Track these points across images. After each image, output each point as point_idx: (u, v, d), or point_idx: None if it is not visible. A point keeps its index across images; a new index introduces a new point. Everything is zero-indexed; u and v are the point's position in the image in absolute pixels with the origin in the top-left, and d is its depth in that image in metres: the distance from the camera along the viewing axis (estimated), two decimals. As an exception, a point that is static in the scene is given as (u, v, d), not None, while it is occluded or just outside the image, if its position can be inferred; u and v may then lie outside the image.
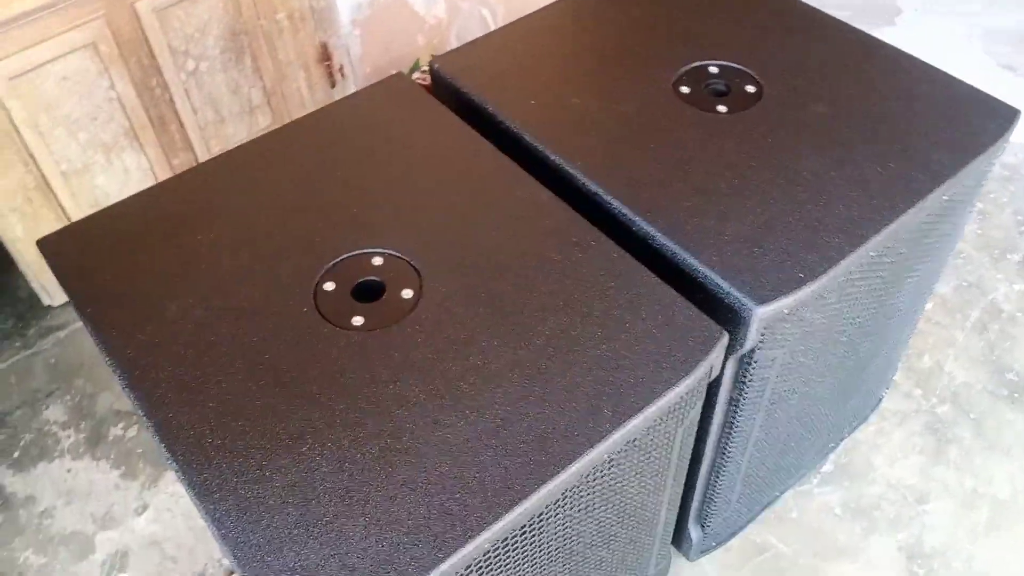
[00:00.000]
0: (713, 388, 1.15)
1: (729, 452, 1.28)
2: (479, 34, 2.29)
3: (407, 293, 1.05)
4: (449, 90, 1.35)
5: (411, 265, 1.08)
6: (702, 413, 1.20)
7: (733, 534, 1.58)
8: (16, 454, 1.72)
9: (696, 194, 1.14)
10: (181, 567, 1.55)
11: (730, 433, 1.24)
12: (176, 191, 1.19)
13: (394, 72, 2.33)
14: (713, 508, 1.42)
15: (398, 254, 1.09)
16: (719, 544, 1.57)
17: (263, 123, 2.10)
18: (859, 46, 1.37)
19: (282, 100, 2.10)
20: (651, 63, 1.35)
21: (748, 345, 1.07)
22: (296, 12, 2.01)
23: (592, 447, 0.90)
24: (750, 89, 1.30)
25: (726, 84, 1.32)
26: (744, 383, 1.14)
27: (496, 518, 0.85)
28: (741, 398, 1.17)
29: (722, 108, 1.27)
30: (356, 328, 1.01)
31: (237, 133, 2.06)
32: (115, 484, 1.67)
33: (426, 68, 2.22)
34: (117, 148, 1.86)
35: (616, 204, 1.14)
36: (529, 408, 0.93)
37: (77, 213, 1.88)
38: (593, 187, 1.16)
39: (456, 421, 0.92)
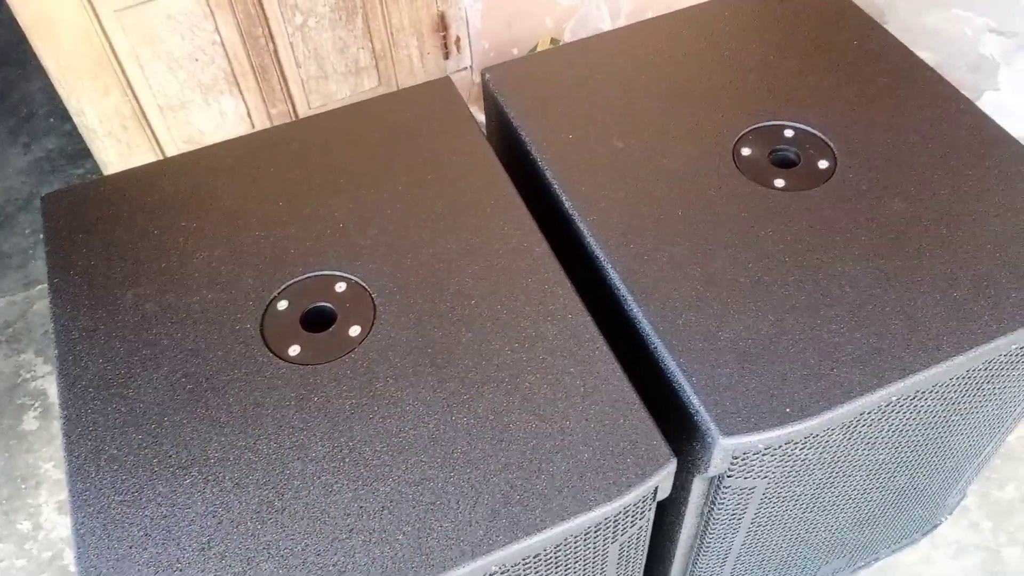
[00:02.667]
0: (672, 502, 1.02)
1: (702, 564, 1.14)
2: (598, 28, 2.14)
3: (355, 330, 0.98)
4: (494, 105, 1.25)
5: (372, 298, 1.01)
6: (668, 522, 1.08)
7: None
8: (70, 365, 1.82)
9: (707, 283, 1.00)
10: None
11: (702, 546, 1.10)
12: (181, 169, 1.17)
13: (516, 51, 2.23)
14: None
15: (363, 283, 1.03)
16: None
17: (368, 85, 2.07)
18: (970, 129, 1.14)
19: (391, 65, 2.06)
20: (719, 113, 1.19)
21: (713, 471, 0.93)
22: (418, -23, 1.95)
23: (474, 560, 0.81)
24: (822, 164, 1.12)
25: (797, 153, 1.14)
26: (715, 506, 1.00)
27: (341, 613, 0.78)
28: (711, 519, 1.03)
29: (780, 183, 1.10)
30: (290, 359, 0.96)
31: (340, 91, 2.04)
32: (145, 416, 1.73)
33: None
34: (216, 91, 1.89)
35: (612, 274, 1.01)
36: (423, 495, 0.85)
37: (170, 146, 1.93)
38: (595, 249, 1.04)
39: (344, 490, 0.85)
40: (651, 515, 0.94)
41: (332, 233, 1.08)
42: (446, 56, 2.12)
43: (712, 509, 1.01)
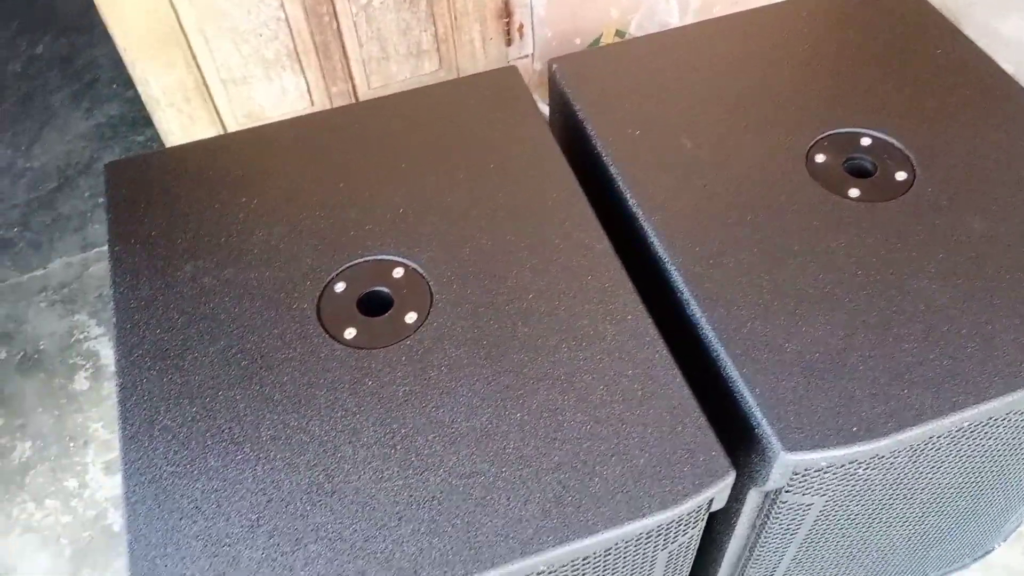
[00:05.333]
0: (726, 513, 1.00)
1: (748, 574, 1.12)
2: (665, 21, 2.10)
3: (411, 317, 0.97)
4: (560, 96, 1.22)
5: (428, 286, 1.00)
6: (718, 532, 1.05)
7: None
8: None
9: (774, 293, 0.97)
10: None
11: (750, 559, 1.08)
12: (243, 145, 1.17)
13: (578, 40, 2.20)
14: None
15: (420, 270, 1.01)
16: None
17: (429, 68, 2.06)
18: (1063, 154, 1.09)
19: (452, 49, 2.04)
20: (793, 116, 1.15)
21: (770, 486, 0.90)
22: (486, -38, 1.93)
23: (522, 558, 0.79)
24: (900, 176, 1.08)
25: (873, 163, 1.10)
26: (768, 520, 0.98)
27: (386, 603, 0.77)
28: (763, 533, 1.00)
29: (854, 192, 1.06)
30: (346, 342, 0.95)
31: (400, 72, 2.03)
32: (190, 385, 1.75)
33: (607, 45, 2.08)
34: (278, 66, 1.89)
35: (676, 279, 0.99)
36: (474, 489, 0.83)
37: (231, 120, 1.94)
38: (660, 251, 1.02)
39: (394, 478, 0.84)
40: (703, 525, 0.92)
41: (391, 218, 1.07)
42: (508, 43, 2.09)
43: (766, 523, 0.98)
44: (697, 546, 0.98)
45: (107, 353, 1.80)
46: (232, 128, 1.95)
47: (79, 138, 2.23)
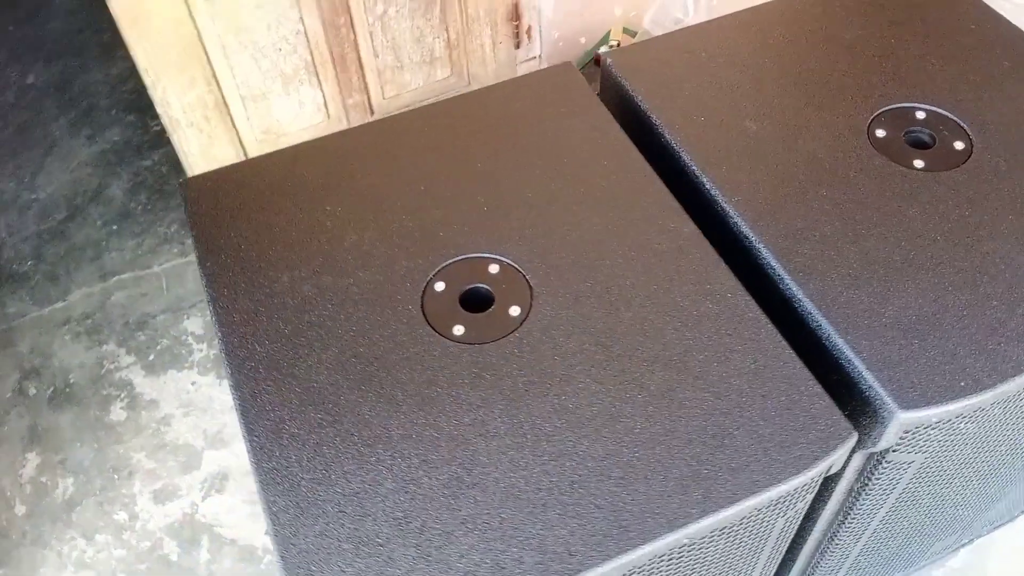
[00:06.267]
0: (831, 478, 1.03)
1: (838, 540, 1.15)
2: (678, 18, 2.15)
3: (515, 310, 0.99)
4: (617, 90, 1.25)
5: (526, 280, 1.02)
6: (814, 499, 1.08)
7: (832, 615, 1.45)
8: (151, 357, 1.82)
9: (862, 262, 1.01)
10: (275, 500, 1.61)
11: (843, 523, 1.11)
12: (316, 154, 1.18)
13: (583, 40, 2.24)
14: (812, 588, 1.30)
15: (516, 265, 1.03)
16: (812, 622, 1.45)
17: (440, 75, 2.08)
18: (1107, 115, 1.15)
19: (463, 55, 2.06)
20: (849, 94, 1.19)
21: (881, 446, 0.94)
22: (492, -33, 1.95)
23: (672, 532, 0.82)
24: (958, 145, 1.13)
25: (931, 135, 1.14)
26: (869, 481, 1.01)
27: (548, 585, 0.79)
28: (863, 494, 1.04)
29: (919, 163, 1.11)
30: (455, 338, 0.97)
31: (413, 81, 2.05)
32: (231, 406, 1.73)
33: (615, 43, 2.12)
34: (296, 80, 1.89)
35: (767, 255, 1.02)
36: (612, 469, 0.85)
37: (249, 137, 1.94)
38: (745, 230, 1.05)
39: (531, 465, 0.86)
40: (814, 494, 0.95)
41: (477, 217, 1.08)
42: (517, 46, 2.12)
43: (867, 484, 1.02)
44: (805, 513, 1.01)
45: (140, 382, 1.78)
46: (251, 146, 1.95)
47: (84, 166, 2.20)
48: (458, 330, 0.98)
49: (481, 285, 1.02)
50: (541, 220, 1.08)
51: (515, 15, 2.06)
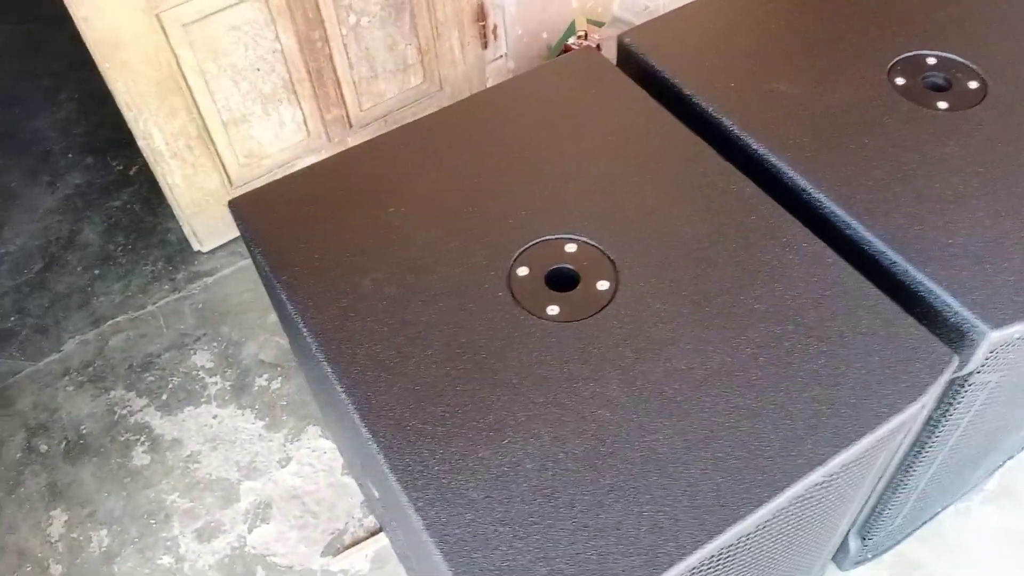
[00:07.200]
0: (917, 408, 1.08)
1: (914, 470, 1.20)
2: (644, 3, 2.20)
3: (603, 284, 1.00)
4: (640, 67, 1.28)
5: (605, 254, 1.03)
6: (896, 432, 1.13)
7: (890, 547, 1.50)
8: (164, 396, 1.76)
9: (917, 200, 1.06)
10: (322, 522, 1.57)
11: (920, 452, 1.16)
12: (362, 160, 1.16)
13: (545, 35, 2.27)
14: (879, 521, 1.35)
15: (591, 242, 1.05)
16: (875, 556, 1.50)
17: (414, 82, 2.07)
18: (1098, 43, 1.24)
19: (434, 59, 2.06)
20: (862, 48, 1.25)
21: (969, 368, 0.98)
22: (457, -31, 1.96)
23: (812, 470, 0.84)
24: (972, 85, 1.19)
25: (945, 78, 1.21)
26: (951, 406, 1.06)
27: (710, 537, 0.80)
28: (943, 420, 1.09)
29: (942, 104, 1.17)
30: (551, 318, 0.97)
31: (388, 90, 2.04)
32: (259, 434, 1.69)
33: (582, 33, 2.15)
34: (275, 100, 1.86)
35: (828, 203, 1.06)
36: (740, 421, 0.88)
37: (232, 162, 1.89)
38: (802, 182, 1.09)
39: (662, 428, 0.87)
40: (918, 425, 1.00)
41: (540, 201, 1.09)
42: (484, 46, 2.13)
43: (947, 409, 1.07)
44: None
45: (158, 423, 1.72)
46: (234, 171, 1.91)
47: (50, 213, 2.11)
48: (552, 310, 0.98)
49: (564, 265, 1.03)
50: (605, 196, 1.09)
51: (481, 15, 2.07)
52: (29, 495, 1.61)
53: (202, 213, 1.92)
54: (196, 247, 2.01)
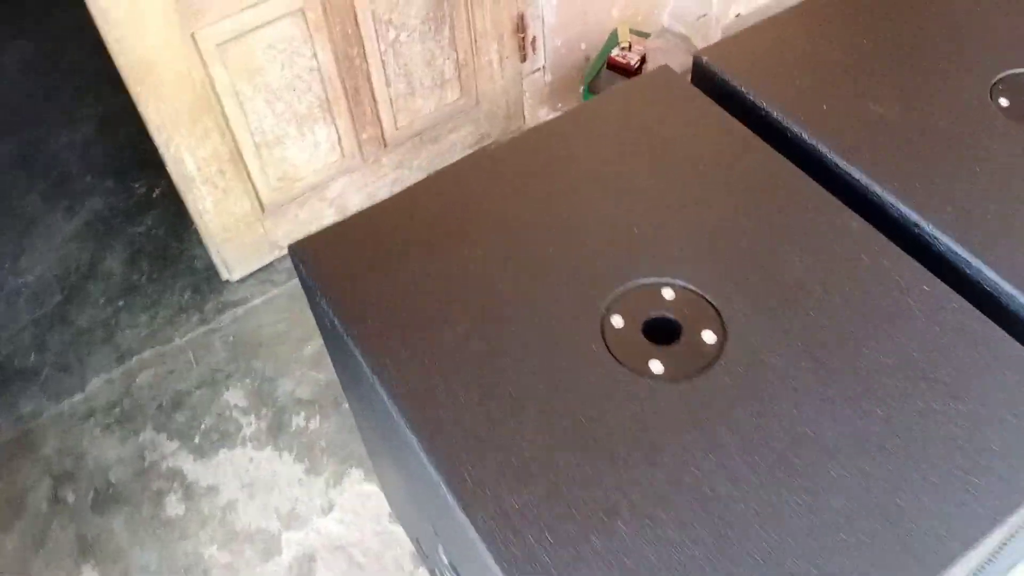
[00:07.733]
0: None
1: None
2: (699, 12, 2.10)
3: (709, 337, 0.91)
4: (720, 87, 1.18)
5: (707, 301, 0.94)
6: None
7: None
8: (197, 439, 1.66)
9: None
10: None
11: None
12: (431, 195, 1.07)
13: (583, 46, 2.17)
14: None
15: (690, 286, 0.95)
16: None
17: (451, 98, 1.98)
18: None
19: (472, 74, 1.97)
20: (959, 66, 1.16)
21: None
22: (498, -22, 1.86)
23: (969, 549, 0.75)
24: (1087, 104, 1.10)
25: (1055, 96, 1.12)
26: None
27: (864, 637, 0.71)
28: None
29: (1057, 126, 1.08)
30: (656, 376, 0.88)
31: (425, 107, 1.94)
32: (299, 479, 1.60)
33: (626, 44, 2.06)
34: (310, 119, 1.77)
35: (944, 239, 0.97)
36: (880, 496, 0.78)
37: (264, 186, 1.80)
38: (914, 216, 0.99)
39: (794, 505, 0.78)
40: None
41: (629, 239, 1.00)
42: (523, 59, 2.04)
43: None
44: None
45: (191, 468, 1.62)
46: (266, 195, 1.81)
47: (69, 241, 2.01)
48: (656, 367, 0.89)
49: (663, 314, 0.93)
50: (699, 233, 1.00)
51: (521, 26, 1.98)
52: (56, 550, 1.52)
53: (232, 240, 1.83)
54: (225, 276, 1.91)
